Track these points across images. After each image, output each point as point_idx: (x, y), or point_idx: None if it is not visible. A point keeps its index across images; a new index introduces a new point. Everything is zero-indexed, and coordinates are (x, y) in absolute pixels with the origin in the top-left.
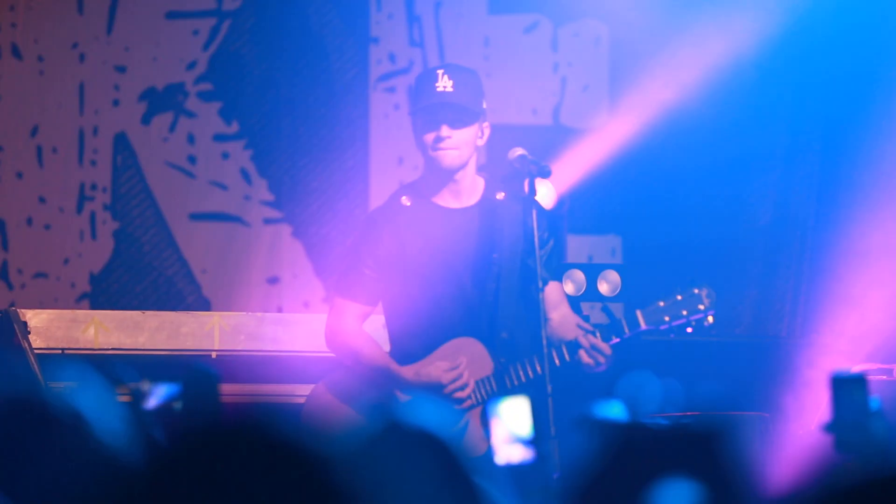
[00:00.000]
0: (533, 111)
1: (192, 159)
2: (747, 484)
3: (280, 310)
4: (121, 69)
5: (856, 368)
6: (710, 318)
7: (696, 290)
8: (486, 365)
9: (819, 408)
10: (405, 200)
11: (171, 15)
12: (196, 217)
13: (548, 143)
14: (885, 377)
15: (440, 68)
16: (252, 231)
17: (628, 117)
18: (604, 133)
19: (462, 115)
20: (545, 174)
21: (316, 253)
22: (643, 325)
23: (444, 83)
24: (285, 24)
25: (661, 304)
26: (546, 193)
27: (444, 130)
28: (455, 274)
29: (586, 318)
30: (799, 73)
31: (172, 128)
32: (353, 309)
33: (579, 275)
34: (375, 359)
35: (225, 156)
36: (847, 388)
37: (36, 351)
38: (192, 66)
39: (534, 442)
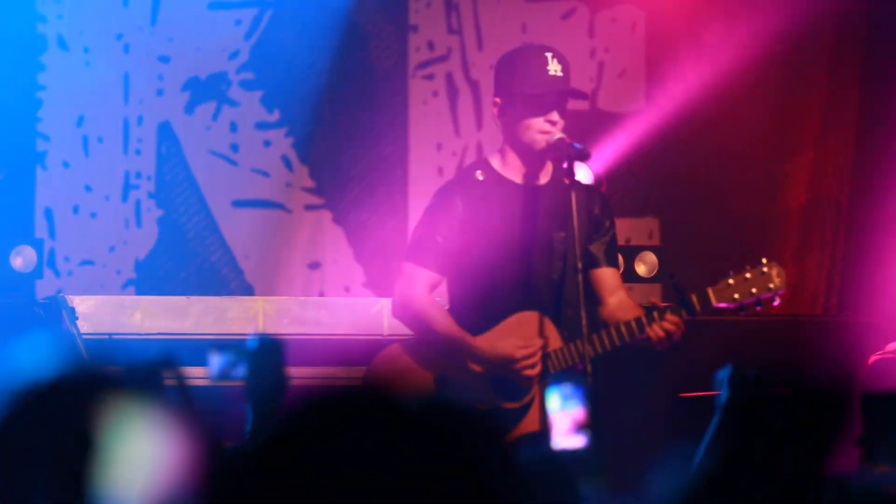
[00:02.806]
0: None
1: (234, 147)
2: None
3: (322, 294)
4: (164, 59)
5: (889, 348)
6: (778, 300)
7: (766, 269)
8: (553, 338)
9: (855, 389)
10: (479, 175)
11: (214, 6)
12: (238, 204)
13: (585, 127)
14: None
15: (547, 50)
16: (294, 217)
17: (664, 101)
18: (640, 117)
19: (567, 101)
20: (583, 157)
21: (356, 238)
22: (714, 303)
23: (555, 67)
24: (325, 14)
25: (731, 281)
26: (584, 176)
27: (555, 116)
28: (523, 250)
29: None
30: (836, 54)
31: (215, 117)
32: (424, 276)
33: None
34: (448, 329)
35: (267, 143)
36: (877, 404)
37: (84, 336)
38: (234, 55)
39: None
